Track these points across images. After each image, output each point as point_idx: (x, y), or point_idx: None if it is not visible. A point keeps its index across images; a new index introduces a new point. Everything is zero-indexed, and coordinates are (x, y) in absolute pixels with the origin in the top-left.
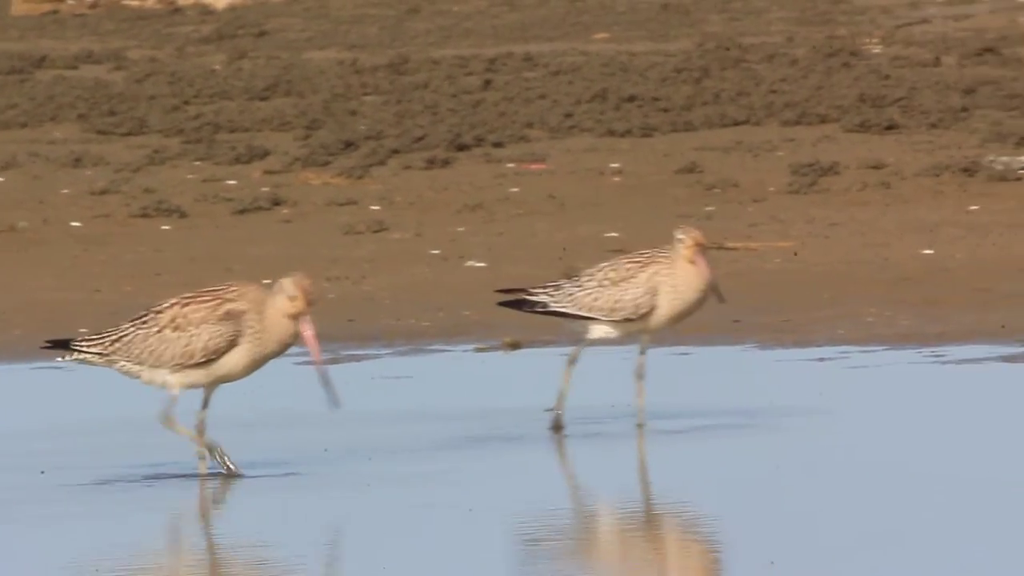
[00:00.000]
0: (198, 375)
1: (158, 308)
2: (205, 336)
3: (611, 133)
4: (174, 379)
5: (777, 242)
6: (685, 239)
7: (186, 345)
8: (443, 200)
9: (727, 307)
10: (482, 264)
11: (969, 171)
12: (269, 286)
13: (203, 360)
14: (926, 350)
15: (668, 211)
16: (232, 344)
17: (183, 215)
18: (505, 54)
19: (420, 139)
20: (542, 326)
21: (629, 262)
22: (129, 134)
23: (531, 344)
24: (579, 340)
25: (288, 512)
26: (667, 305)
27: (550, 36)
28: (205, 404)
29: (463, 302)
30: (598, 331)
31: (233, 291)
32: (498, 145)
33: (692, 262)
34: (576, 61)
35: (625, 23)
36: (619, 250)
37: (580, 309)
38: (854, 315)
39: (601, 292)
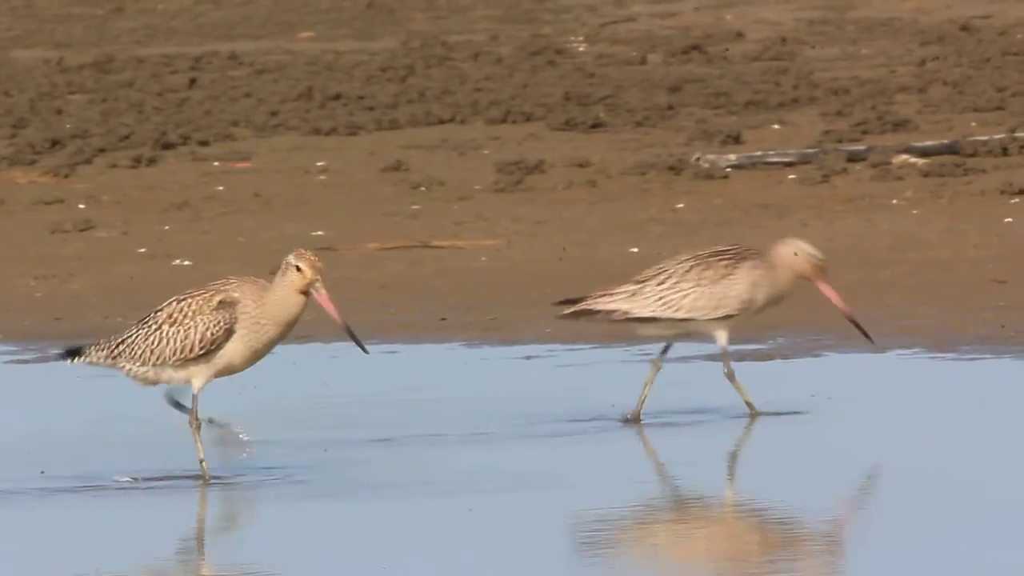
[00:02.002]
0: (200, 369)
1: (158, 308)
2: (201, 327)
3: (317, 132)
4: (179, 376)
5: (483, 240)
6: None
7: (184, 338)
8: (149, 199)
9: (434, 305)
10: (188, 262)
11: (675, 169)
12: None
13: (202, 352)
14: (633, 348)
15: (375, 209)
16: (230, 333)
17: None
18: (210, 53)
19: (126, 137)
20: None
21: (721, 261)
22: None
23: None
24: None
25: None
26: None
27: (255, 35)
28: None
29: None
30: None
31: (232, 283)
32: (204, 144)
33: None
34: (281, 60)
35: (330, 22)
36: (327, 248)
37: (678, 311)
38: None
39: (700, 291)
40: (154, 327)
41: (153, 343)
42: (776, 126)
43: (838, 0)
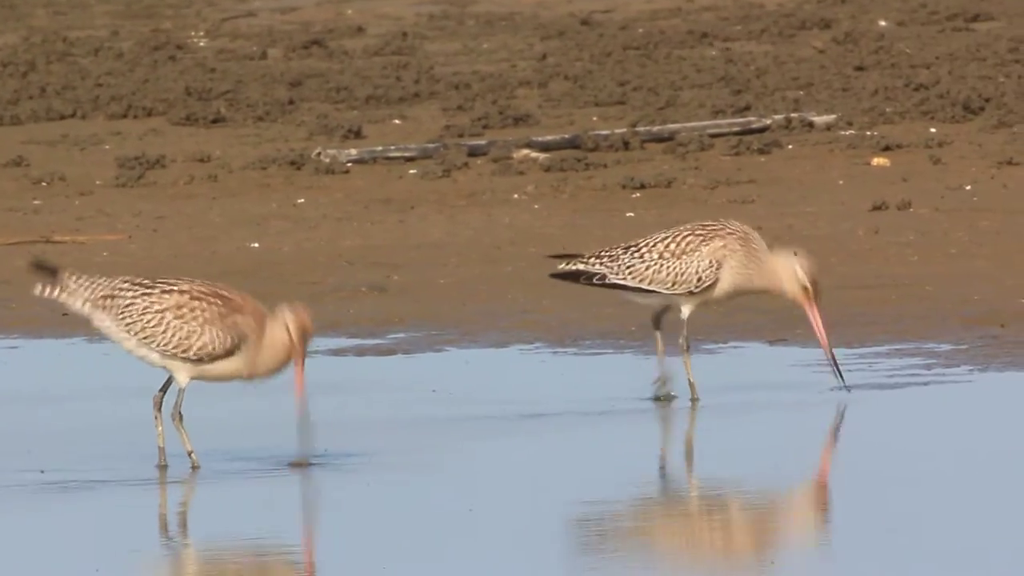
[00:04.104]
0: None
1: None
2: (207, 336)
3: None
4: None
5: (105, 235)
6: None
7: (186, 337)
8: None
9: (54, 300)
10: None
11: (296, 164)
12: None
13: (196, 359)
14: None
15: None
16: (230, 353)
17: None
18: None
19: None
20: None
21: (689, 234)
22: None
23: None
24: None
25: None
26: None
27: None
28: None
29: None
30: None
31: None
32: None
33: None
34: None
35: None
36: None
37: (642, 282)
38: None
39: (660, 264)
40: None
41: (155, 324)
42: (397, 121)
43: None
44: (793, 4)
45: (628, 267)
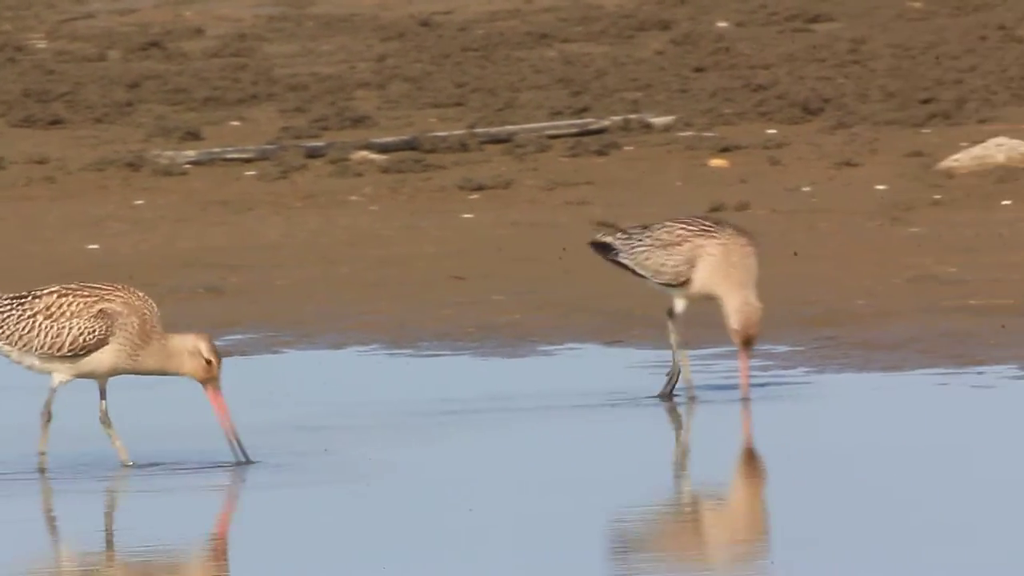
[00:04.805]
0: (63, 366)
1: (37, 293)
2: (76, 330)
3: None
4: (41, 367)
5: None
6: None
7: (56, 336)
8: None
9: None
10: None
11: (134, 166)
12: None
13: (69, 353)
14: None
15: None
16: (102, 343)
17: None
18: None
19: None
20: None
21: (681, 227)
22: None
23: None
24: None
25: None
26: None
27: None
28: (102, 395)
29: None
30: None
31: (117, 293)
32: None
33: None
34: None
35: None
36: None
37: (637, 267)
38: None
39: (648, 253)
40: (28, 314)
41: (23, 329)
42: (235, 122)
43: None
44: (632, 5)
45: (633, 248)
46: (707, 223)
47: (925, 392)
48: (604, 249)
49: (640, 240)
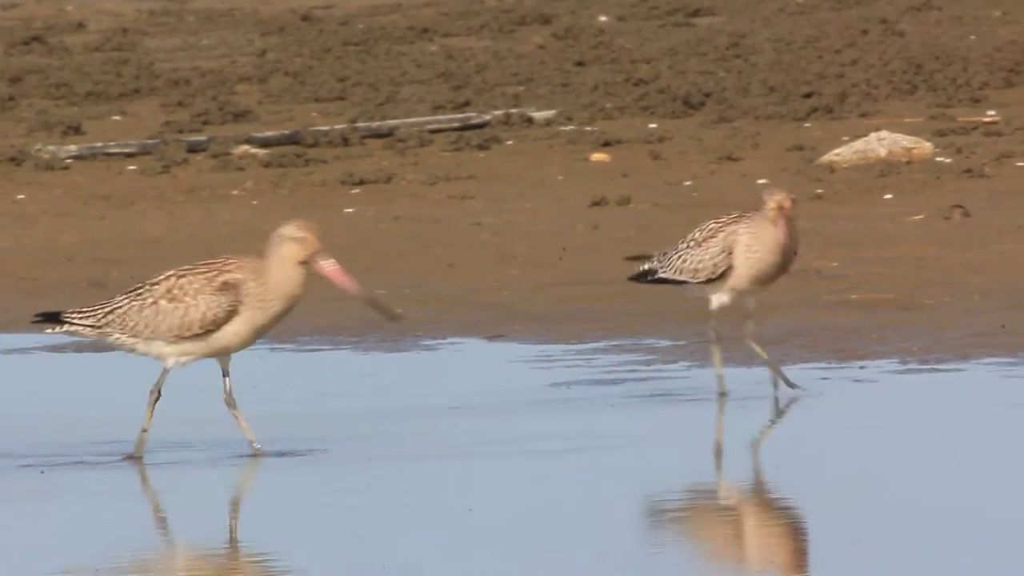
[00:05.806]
0: (195, 347)
1: (154, 280)
2: (203, 307)
3: None
4: (170, 350)
5: None
6: (769, 201)
7: (183, 316)
8: None
9: None
10: None
11: (16, 160)
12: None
13: (200, 332)
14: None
15: None
16: (231, 314)
17: None
18: None
19: None
20: None
21: (713, 221)
22: None
23: None
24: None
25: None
26: (744, 264)
27: None
28: (225, 373)
29: None
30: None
31: (231, 263)
32: None
33: (773, 223)
34: None
35: None
36: None
37: (674, 274)
38: None
39: (685, 254)
40: (150, 301)
41: (149, 317)
42: (117, 117)
43: None
44: (513, 0)
45: (670, 259)
46: (736, 214)
47: (806, 386)
48: (644, 276)
49: (675, 250)
